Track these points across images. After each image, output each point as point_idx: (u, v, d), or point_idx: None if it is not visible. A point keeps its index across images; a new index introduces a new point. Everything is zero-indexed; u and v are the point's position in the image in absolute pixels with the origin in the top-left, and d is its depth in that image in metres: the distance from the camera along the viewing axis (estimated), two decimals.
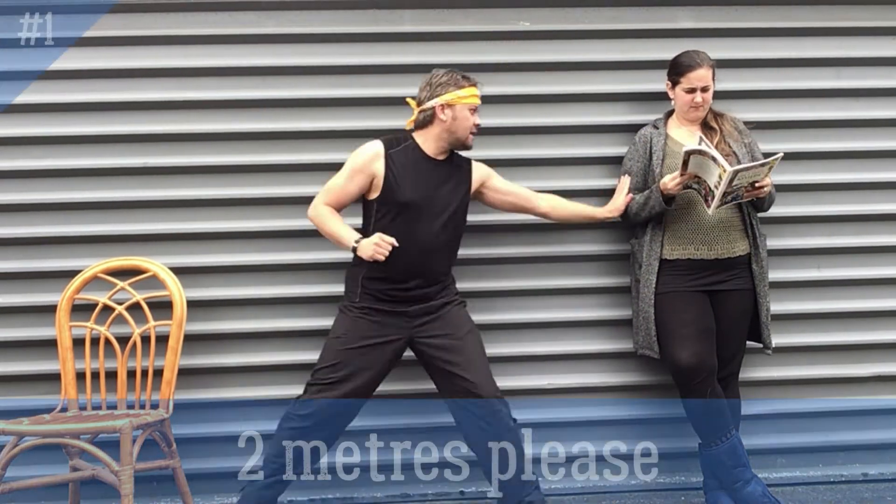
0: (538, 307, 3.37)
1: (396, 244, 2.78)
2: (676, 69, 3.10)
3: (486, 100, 3.33)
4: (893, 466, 3.44)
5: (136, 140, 3.28)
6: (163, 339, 3.09)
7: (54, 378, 3.12)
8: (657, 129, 3.17)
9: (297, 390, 3.20)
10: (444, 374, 2.94)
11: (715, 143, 3.06)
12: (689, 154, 2.86)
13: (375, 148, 2.93)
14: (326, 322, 3.23)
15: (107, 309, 3.11)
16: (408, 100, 3.03)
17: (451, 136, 2.94)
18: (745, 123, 3.21)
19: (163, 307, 3.10)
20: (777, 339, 3.25)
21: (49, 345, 3.15)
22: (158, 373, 3.05)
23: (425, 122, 2.95)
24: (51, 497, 3.20)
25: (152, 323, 3.09)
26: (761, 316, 3.12)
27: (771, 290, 3.15)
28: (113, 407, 3.10)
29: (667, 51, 3.36)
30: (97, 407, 3.10)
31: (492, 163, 3.34)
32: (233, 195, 3.30)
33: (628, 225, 3.30)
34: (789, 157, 3.35)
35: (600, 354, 3.38)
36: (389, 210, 2.89)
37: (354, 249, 2.84)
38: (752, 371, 3.38)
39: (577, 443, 3.37)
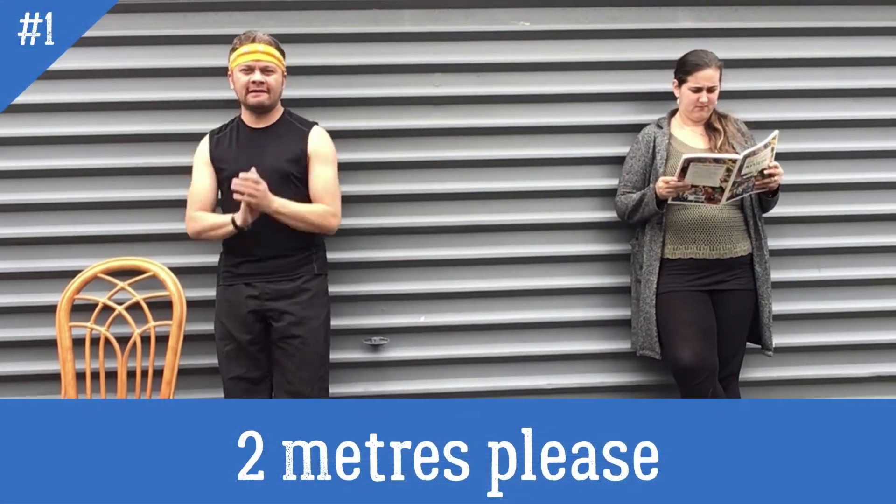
0: (538, 307, 3.37)
1: (253, 174, 2.72)
2: (684, 68, 3.09)
3: (486, 99, 3.35)
4: None
5: (136, 140, 3.28)
6: (163, 339, 3.09)
7: (54, 378, 3.12)
8: (661, 128, 3.16)
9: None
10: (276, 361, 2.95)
11: (719, 144, 3.06)
12: (688, 161, 2.85)
13: (202, 140, 3.01)
14: None
15: (107, 309, 3.11)
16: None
17: (241, 101, 2.94)
18: (746, 123, 3.21)
19: (163, 307, 3.10)
20: (777, 339, 3.25)
21: (49, 345, 3.15)
22: (158, 373, 3.05)
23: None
24: None
25: (152, 323, 3.09)
26: (763, 318, 3.12)
27: (772, 291, 3.15)
28: None
29: (667, 51, 3.37)
30: None
31: (492, 163, 3.35)
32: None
33: (629, 225, 3.30)
34: (789, 157, 3.36)
35: (600, 354, 3.38)
36: (224, 188, 2.91)
37: (234, 223, 2.83)
38: (752, 371, 3.39)
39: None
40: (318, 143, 2.97)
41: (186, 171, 3.27)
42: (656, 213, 3.03)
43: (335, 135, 3.29)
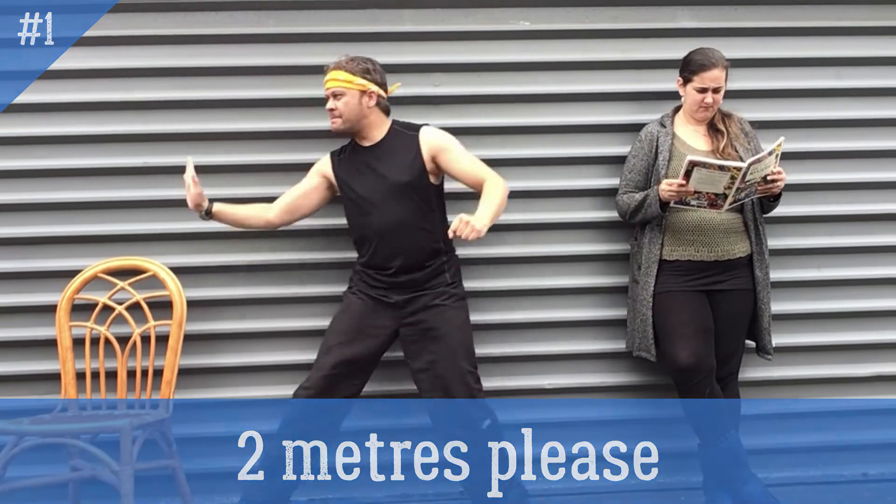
0: (538, 307, 3.37)
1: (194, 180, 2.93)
2: (689, 67, 3.04)
3: (486, 99, 3.35)
4: (893, 466, 3.44)
5: (136, 140, 3.28)
6: (163, 339, 3.09)
7: (54, 378, 3.12)
8: (664, 127, 3.13)
9: (293, 389, 3.20)
10: (419, 369, 2.97)
11: (722, 146, 3.04)
12: (692, 165, 2.81)
13: (324, 157, 3.11)
14: (326, 322, 3.23)
15: (107, 309, 3.11)
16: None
17: None
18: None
19: (163, 307, 3.10)
20: (777, 339, 3.25)
21: (49, 345, 3.15)
22: (158, 373, 3.05)
23: None
24: (51, 497, 3.20)
25: (152, 323, 3.09)
26: (762, 322, 3.11)
27: (771, 291, 3.15)
28: (113, 407, 3.09)
29: (667, 50, 3.37)
30: (97, 407, 3.10)
31: (492, 163, 3.33)
32: (233, 195, 3.28)
33: (628, 224, 3.30)
34: (789, 156, 3.35)
35: (600, 354, 3.38)
36: (349, 209, 3.03)
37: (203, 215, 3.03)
38: (753, 371, 3.38)
39: (577, 443, 3.37)
40: (432, 138, 2.99)
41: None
42: (658, 215, 3.01)
43: (335, 134, 3.30)
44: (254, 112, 3.30)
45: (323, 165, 3.09)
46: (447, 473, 3.23)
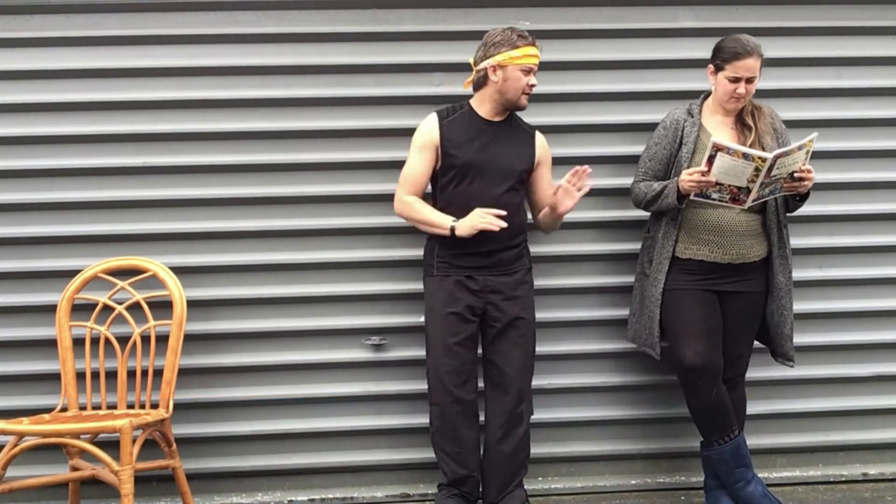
0: (538, 307, 3.36)
1: (503, 215, 2.80)
2: (722, 54, 2.90)
3: None
4: (893, 466, 3.44)
5: (136, 140, 3.28)
6: (163, 339, 3.09)
7: (54, 378, 3.12)
8: (691, 116, 2.99)
9: (297, 390, 3.21)
10: (486, 355, 3.01)
11: (749, 143, 2.90)
12: (716, 148, 2.69)
13: (429, 121, 3.00)
14: (327, 322, 3.24)
15: (107, 309, 3.11)
16: (469, 61, 3.04)
17: (502, 97, 2.94)
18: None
19: (163, 307, 3.10)
20: None
21: (49, 345, 3.15)
22: (158, 373, 3.05)
23: (479, 83, 2.97)
24: (51, 497, 3.21)
25: (152, 323, 3.09)
26: (785, 329, 3.01)
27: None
28: (113, 407, 3.10)
29: (667, 50, 3.38)
30: (97, 407, 3.10)
31: None
32: (233, 195, 3.30)
33: (632, 224, 3.30)
34: None
35: (600, 354, 3.38)
36: (453, 176, 2.93)
37: (453, 230, 2.86)
38: (753, 371, 3.37)
39: (577, 443, 3.38)
40: (546, 149, 3.09)
41: (187, 171, 3.29)
42: (674, 207, 2.90)
43: (334, 134, 3.31)
44: (254, 112, 3.30)
45: (430, 133, 2.97)
46: None
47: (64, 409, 3.02)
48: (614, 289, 3.38)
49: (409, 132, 3.29)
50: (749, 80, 2.88)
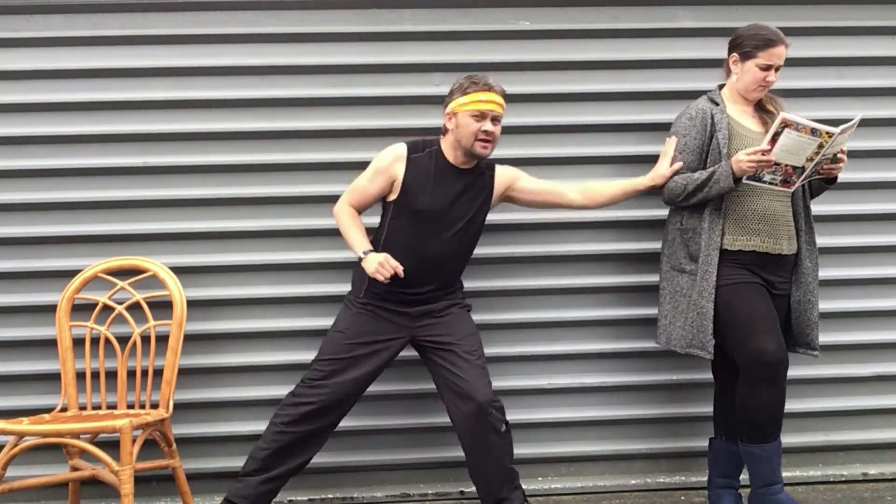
0: (538, 307, 3.37)
1: (401, 270, 2.77)
2: (752, 41, 2.86)
3: None
4: (893, 466, 3.44)
5: (136, 140, 3.28)
6: (163, 339, 3.09)
7: (54, 378, 3.13)
8: (717, 104, 2.92)
9: None
10: (440, 374, 2.92)
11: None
12: (785, 124, 2.59)
13: (398, 151, 2.90)
14: (326, 322, 3.23)
15: (107, 309, 3.11)
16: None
17: (459, 144, 2.86)
18: None
19: (163, 307, 3.10)
20: None
21: (49, 345, 3.16)
22: (158, 372, 3.05)
23: (444, 129, 2.93)
24: (51, 497, 3.21)
25: (152, 323, 3.09)
26: (812, 316, 2.94)
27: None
28: (113, 407, 3.10)
29: (667, 50, 3.38)
30: (97, 407, 3.10)
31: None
32: (233, 195, 3.30)
33: (629, 224, 3.30)
34: None
35: (600, 354, 3.38)
36: (405, 214, 2.88)
37: (360, 259, 2.83)
38: None
39: (577, 443, 3.38)
40: (505, 173, 3.01)
41: (187, 170, 3.29)
42: (728, 191, 2.78)
43: (335, 134, 3.31)
44: (254, 112, 3.30)
45: (394, 164, 2.89)
46: (447, 473, 3.26)
47: (64, 409, 3.02)
48: (614, 289, 3.38)
49: (409, 132, 3.30)
50: (776, 69, 2.88)
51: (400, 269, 2.77)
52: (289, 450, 2.86)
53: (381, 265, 2.75)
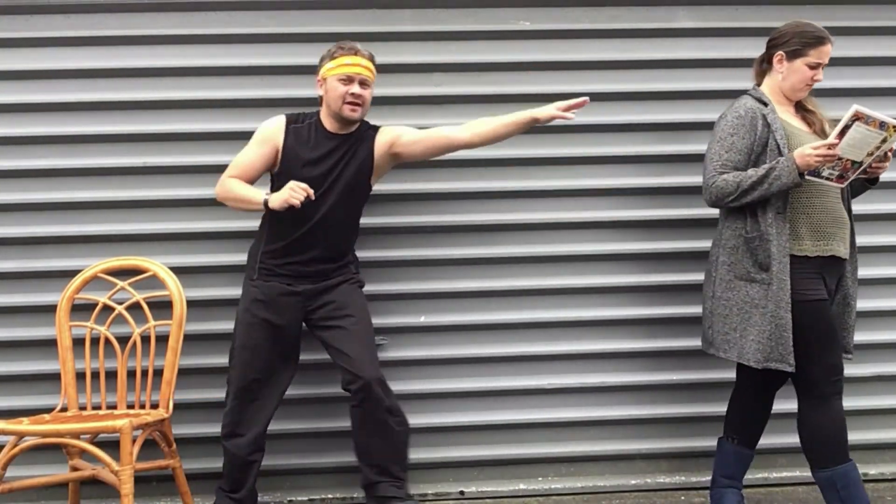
0: (538, 307, 3.37)
1: (311, 191, 2.76)
2: (803, 39, 2.79)
3: (486, 99, 3.35)
4: (893, 466, 3.44)
5: (136, 140, 3.28)
6: (163, 339, 3.09)
7: (54, 378, 3.13)
8: (766, 104, 2.82)
9: (296, 390, 3.20)
10: (330, 351, 2.95)
11: (818, 128, 2.85)
12: (856, 116, 2.52)
13: (278, 121, 2.96)
14: None
15: (107, 309, 3.11)
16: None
17: (330, 109, 2.91)
18: None
19: (163, 307, 3.10)
20: None
21: (49, 345, 3.16)
22: (158, 373, 3.05)
23: (321, 99, 2.97)
24: (51, 497, 3.21)
25: (152, 323, 3.09)
26: (850, 320, 2.87)
27: None
28: (113, 407, 3.10)
29: (667, 50, 3.38)
30: (97, 407, 3.10)
31: (492, 162, 3.35)
32: None
33: (630, 224, 3.30)
34: None
35: (600, 354, 3.38)
36: (283, 181, 2.87)
37: (266, 204, 2.81)
38: None
39: (577, 443, 3.38)
40: (387, 131, 3.00)
41: (187, 170, 3.29)
42: (794, 186, 2.64)
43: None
44: (254, 112, 3.29)
45: (275, 133, 2.94)
46: (448, 473, 3.26)
47: (64, 409, 3.02)
48: (614, 289, 3.38)
49: None
50: (823, 67, 2.83)
51: (310, 189, 2.76)
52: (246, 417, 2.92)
53: (291, 190, 2.74)
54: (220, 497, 2.96)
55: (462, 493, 3.31)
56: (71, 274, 3.13)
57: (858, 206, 3.41)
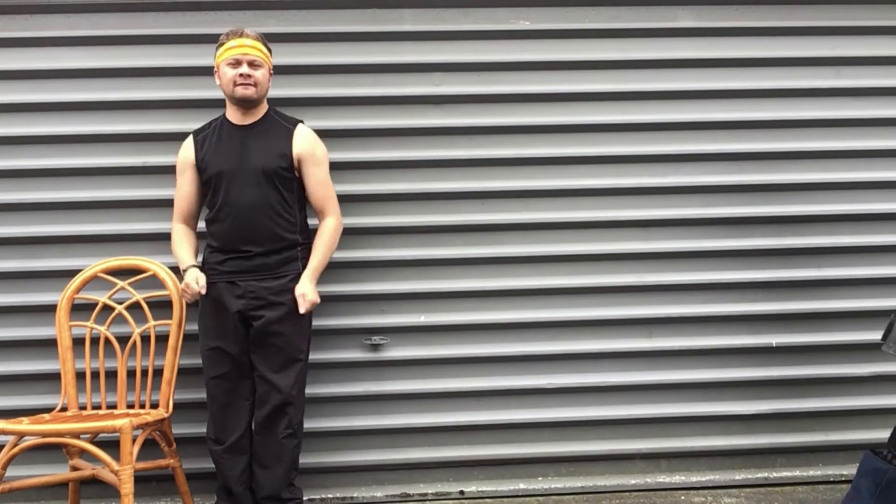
0: (538, 307, 3.37)
1: (203, 290, 2.89)
2: None
3: (486, 99, 3.35)
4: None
5: (136, 140, 3.28)
6: (163, 339, 3.09)
7: (54, 378, 3.13)
8: None
9: None
10: (253, 356, 2.95)
11: None
12: None
13: (186, 142, 3.03)
14: (326, 321, 3.24)
15: (107, 308, 3.11)
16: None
17: (228, 97, 2.93)
18: (746, 122, 3.19)
19: (163, 307, 3.10)
20: (777, 339, 3.25)
21: (49, 345, 3.16)
22: (158, 372, 3.05)
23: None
24: (51, 497, 3.21)
25: (152, 322, 3.09)
26: None
27: (770, 290, 3.14)
28: (113, 406, 3.10)
29: (667, 50, 3.38)
30: (97, 406, 3.10)
31: (491, 162, 3.35)
32: None
33: (630, 224, 3.29)
34: (790, 156, 3.36)
35: (600, 354, 3.38)
36: (210, 187, 2.94)
37: (185, 273, 2.93)
38: (752, 371, 3.38)
39: (577, 443, 3.38)
40: (307, 143, 2.99)
41: None
42: None
43: (335, 134, 3.31)
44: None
45: (185, 152, 2.99)
46: (447, 473, 3.25)
47: (64, 409, 3.02)
48: (614, 289, 3.38)
49: (409, 132, 3.30)
50: None
51: (203, 289, 2.89)
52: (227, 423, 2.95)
53: (185, 285, 2.90)
54: (221, 497, 2.96)
55: (462, 492, 3.31)
56: (71, 274, 3.13)
57: (858, 206, 3.44)
